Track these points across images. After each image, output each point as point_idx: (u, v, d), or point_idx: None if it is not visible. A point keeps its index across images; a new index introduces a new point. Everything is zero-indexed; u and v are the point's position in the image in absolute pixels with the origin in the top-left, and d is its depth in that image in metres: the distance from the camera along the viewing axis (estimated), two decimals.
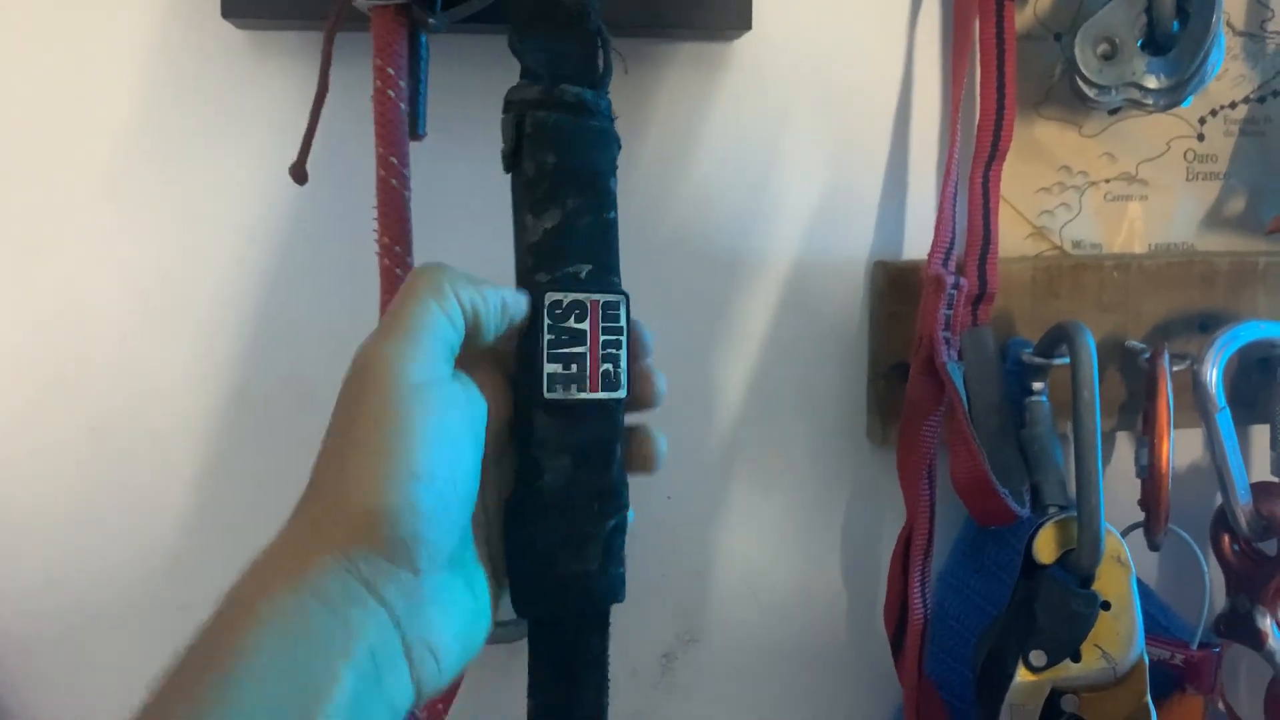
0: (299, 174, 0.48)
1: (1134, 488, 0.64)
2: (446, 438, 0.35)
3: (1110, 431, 0.68)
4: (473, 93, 0.55)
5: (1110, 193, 0.67)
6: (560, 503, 0.39)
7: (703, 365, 0.64)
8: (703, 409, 0.65)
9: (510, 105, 0.41)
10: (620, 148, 0.42)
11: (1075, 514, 0.56)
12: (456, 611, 0.36)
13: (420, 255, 0.47)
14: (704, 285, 0.63)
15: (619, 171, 0.42)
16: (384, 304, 0.46)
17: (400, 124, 0.45)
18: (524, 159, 0.40)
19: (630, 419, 0.42)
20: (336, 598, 0.32)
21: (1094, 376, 0.55)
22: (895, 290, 0.63)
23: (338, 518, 0.34)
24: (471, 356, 0.38)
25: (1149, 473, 0.62)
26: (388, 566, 0.34)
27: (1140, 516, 0.64)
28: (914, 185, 0.65)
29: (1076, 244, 0.67)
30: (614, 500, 0.40)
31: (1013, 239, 0.66)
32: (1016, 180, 0.65)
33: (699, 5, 0.56)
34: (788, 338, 0.65)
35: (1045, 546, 0.56)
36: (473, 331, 0.38)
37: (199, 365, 0.59)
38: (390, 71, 0.44)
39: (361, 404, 0.35)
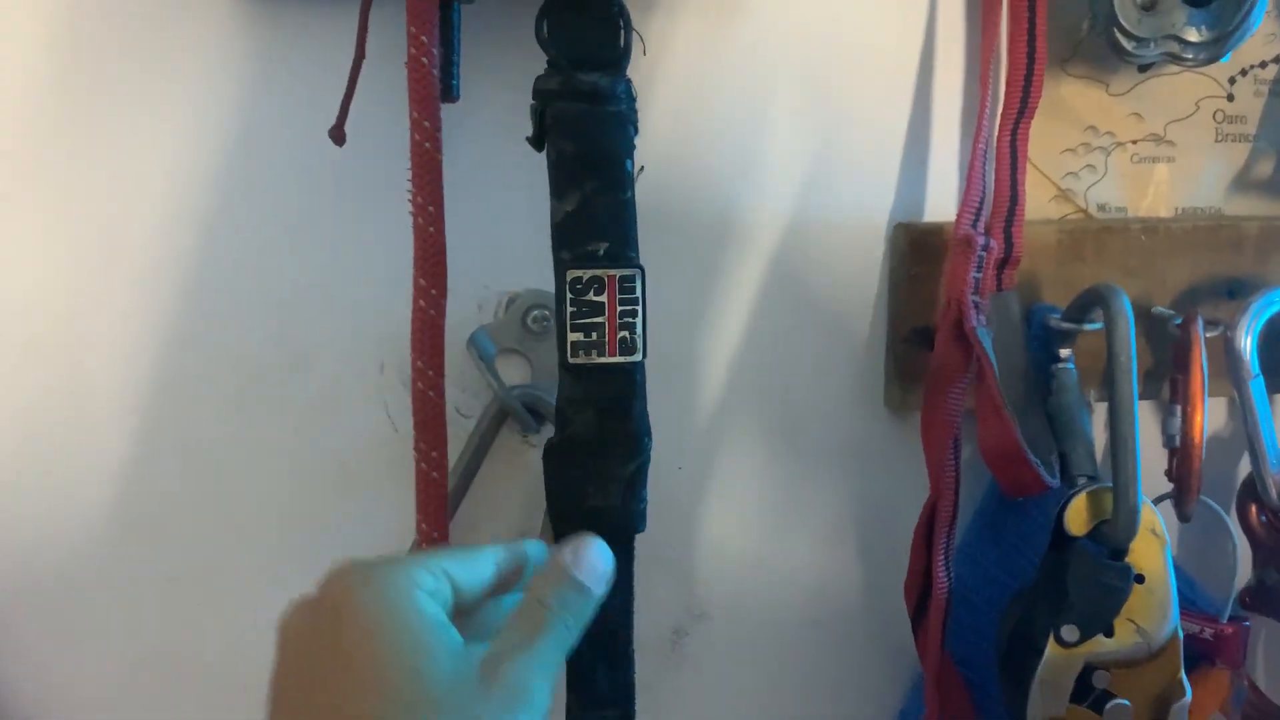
0: (338, 136, 0.50)
1: (1159, 458, 0.62)
2: None
3: None
4: (506, 56, 0.54)
5: (1137, 154, 0.65)
6: (587, 448, 0.45)
7: (715, 331, 0.62)
8: (715, 376, 0.62)
9: (536, 94, 0.45)
10: (637, 130, 0.46)
11: (1107, 485, 0.54)
12: None
13: (450, 215, 0.48)
14: (717, 249, 0.61)
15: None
16: (418, 260, 0.47)
17: (433, 88, 0.47)
18: (547, 145, 0.45)
19: None
20: None
21: (1131, 341, 0.53)
22: (917, 252, 0.61)
23: None
24: None
25: (1181, 442, 0.60)
26: None
27: (1165, 488, 0.62)
28: (936, 145, 0.63)
29: (1101, 207, 0.65)
30: (634, 446, 0.46)
31: (1037, 201, 0.63)
32: (1042, 141, 0.63)
33: None
34: (803, 303, 0.62)
35: (1077, 518, 0.55)
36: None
37: (181, 327, 0.57)
38: (423, 39, 0.46)
39: None
